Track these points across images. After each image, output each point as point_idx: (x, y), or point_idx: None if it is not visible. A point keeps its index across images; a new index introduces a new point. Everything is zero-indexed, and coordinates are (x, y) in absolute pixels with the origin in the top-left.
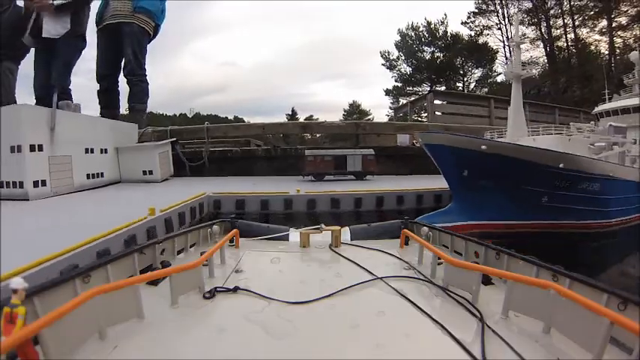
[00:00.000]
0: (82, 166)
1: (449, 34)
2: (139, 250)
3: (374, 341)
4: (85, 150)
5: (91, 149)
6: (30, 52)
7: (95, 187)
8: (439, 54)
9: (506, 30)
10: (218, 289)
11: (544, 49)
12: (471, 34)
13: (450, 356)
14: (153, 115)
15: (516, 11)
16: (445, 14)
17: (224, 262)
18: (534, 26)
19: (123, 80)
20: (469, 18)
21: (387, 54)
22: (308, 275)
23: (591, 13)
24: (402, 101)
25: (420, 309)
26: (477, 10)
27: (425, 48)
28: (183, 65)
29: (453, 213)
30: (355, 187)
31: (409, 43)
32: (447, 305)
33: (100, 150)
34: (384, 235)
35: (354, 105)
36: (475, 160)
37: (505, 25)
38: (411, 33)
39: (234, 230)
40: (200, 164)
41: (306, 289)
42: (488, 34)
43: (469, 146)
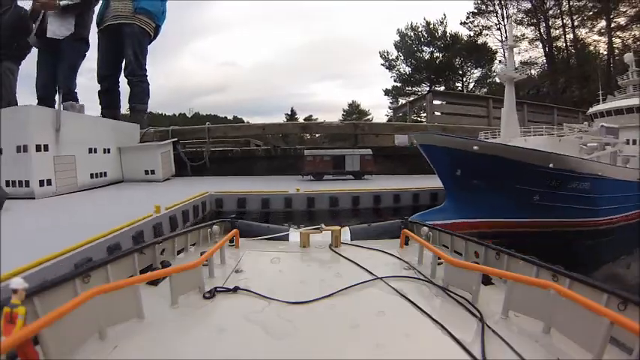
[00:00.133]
0: (85, 166)
1: (448, 34)
2: (138, 250)
3: (374, 341)
4: (89, 150)
5: (94, 149)
6: (30, 53)
7: (98, 186)
8: (438, 54)
9: (506, 30)
10: (218, 289)
11: (543, 49)
12: (470, 34)
13: (450, 356)
14: (153, 115)
15: (515, 11)
16: (444, 14)
17: (224, 262)
18: (533, 26)
19: (124, 81)
20: (468, 18)
21: (386, 54)
22: (308, 275)
23: (590, 13)
24: (401, 101)
25: (420, 309)
26: (476, 11)
27: (424, 48)
28: (183, 65)
29: (447, 211)
30: (353, 186)
31: (408, 43)
32: (447, 305)
33: (103, 150)
34: (384, 235)
35: (353, 105)
36: (468, 161)
37: (504, 26)
38: (411, 33)
39: (234, 230)
40: (201, 164)
41: (306, 289)
42: (487, 34)
43: (462, 147)
